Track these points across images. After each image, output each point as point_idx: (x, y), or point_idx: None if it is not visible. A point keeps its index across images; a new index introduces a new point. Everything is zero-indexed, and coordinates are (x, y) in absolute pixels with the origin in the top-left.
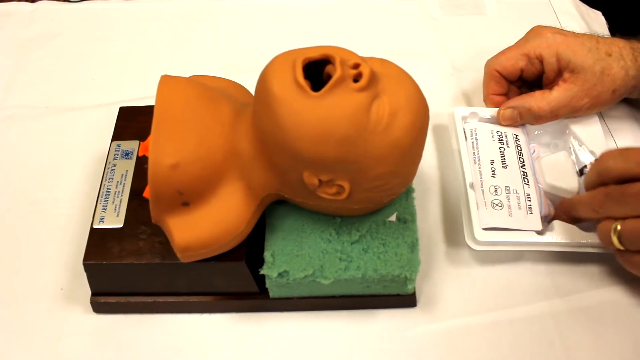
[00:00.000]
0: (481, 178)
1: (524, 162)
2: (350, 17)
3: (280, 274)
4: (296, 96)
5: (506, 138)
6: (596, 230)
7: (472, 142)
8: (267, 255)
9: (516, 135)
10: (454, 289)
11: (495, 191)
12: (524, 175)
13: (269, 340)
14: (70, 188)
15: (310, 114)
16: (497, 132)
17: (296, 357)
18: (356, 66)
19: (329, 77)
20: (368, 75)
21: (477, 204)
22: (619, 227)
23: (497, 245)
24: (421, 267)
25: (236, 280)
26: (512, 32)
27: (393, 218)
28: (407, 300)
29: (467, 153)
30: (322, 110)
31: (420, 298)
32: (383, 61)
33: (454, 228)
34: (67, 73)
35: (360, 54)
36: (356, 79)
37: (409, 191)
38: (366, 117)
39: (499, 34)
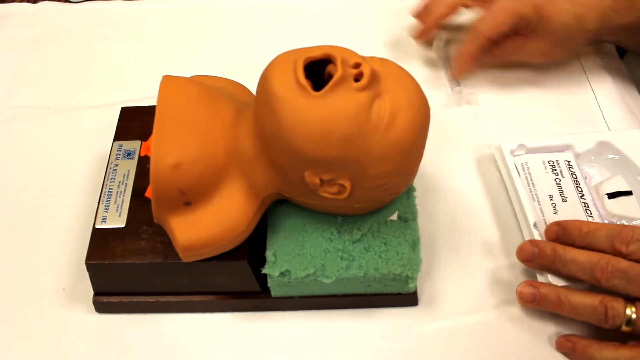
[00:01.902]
0: (543, 217)
1: (582, 191)
2: (351, 16)
3: (282, 273)
4: (297, 96)
5: (559, 167)
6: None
7: (526, 177)
8: (268, 254)
9: (568, 162)
10: (455, 287)
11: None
12: (585, 207)
13: (270, 339)
14: (72, 188)
15: (312, 113)
16: (548, 161)
17: (298, 356)
18: (357, 66)
19: (330, 76)
20: (369, 75)
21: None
22: (633, 316)
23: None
24: (422, 265)
25: (238, 280)
26: None
27: (394, 217)
28: (408, 299)
29: (525, 191)
30: (323, 110)
31: (422, 297)
32: (384, 60)
33: (455, 227)
34: (69, 73)
35: (361, 54)
36: (357, 79)
37: (410, 190)
38: (367, 117)
39: None
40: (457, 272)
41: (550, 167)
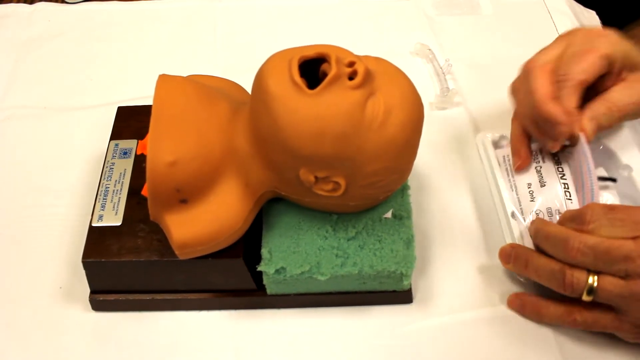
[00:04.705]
0: (520, 206)
1: (562, 171)
2: (346, 16)
3: (277, 271)
4: (292, 94)
5: (540, 154)
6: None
7: (507, 169)
8: (264, 252)
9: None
10: (449, 285)
11: (537, 217)
12: (565, 188)
13: (266, 336)
14: (69, 187)
15: (307, 111)
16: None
17: (293, 354)
18: (351, 64)
19: (325, 75)
20: (363, 73)
21: (521, 234)
22: (595, 284)
23: None
24: (417, 263)
25: (234, 277)
26: (507, 31)
27: (389, 215)
28: (403, 297)
29: (504, 182)
30: (318, 108)
31: (416, 294)
32: (378, 59)
33: (449, 225)
34: (65, 74)
35: (356, 53)
36: (351, 77)
37: (404, 188)
38: (361, 114)
39: (494, 33)
40: (451, 270)
41: (532, 155)
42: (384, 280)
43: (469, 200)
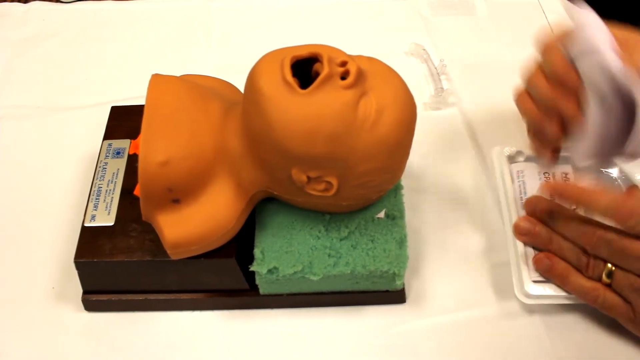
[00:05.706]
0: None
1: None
2: (340, 17)
3: (269, 271)
4: (284, 94)
5: (554, 179)
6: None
7: (519, 186)
8: (256, 252)
9: (565, 174)
10: (443, 285)
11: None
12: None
13: (259, 336)
14: (62, 187)
15: (299, 111)
16: (544, 173)
17: (286, 354)
18: (343, 64)
19: (317, 75)
20: (355, 73)
21: (526, 254)
22: (613, 268)
23: (549, 299)
24: (410, 263)
25: (226, 277)
26: (501, 32)
27: (382, 215)
28: (396, 297)
29: (515, 200)
30: (310, 108)
31: (410, 294)
32: (371, 59)
33: (443, 225)
34: (59, 73)
35: (350, 53)
36: (343, 77)
37: (397, 188)
38: (353, 114)
39: (489, 34)
40: (444, 270)
41: (545, 178)
42: (377, 280)
43: (462, 200)
